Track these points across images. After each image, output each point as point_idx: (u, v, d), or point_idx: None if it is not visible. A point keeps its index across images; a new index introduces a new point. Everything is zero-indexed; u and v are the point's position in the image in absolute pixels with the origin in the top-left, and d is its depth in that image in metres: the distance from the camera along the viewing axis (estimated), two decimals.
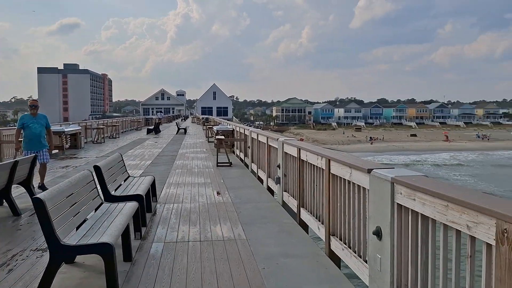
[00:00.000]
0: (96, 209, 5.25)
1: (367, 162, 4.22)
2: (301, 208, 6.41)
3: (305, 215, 6.20)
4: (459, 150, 78.13)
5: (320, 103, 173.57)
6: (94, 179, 5.41)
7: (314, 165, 5.67)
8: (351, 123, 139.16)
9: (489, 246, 2.26)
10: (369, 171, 3.69)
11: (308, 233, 6.03)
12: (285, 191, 7.63)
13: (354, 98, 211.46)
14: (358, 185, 4.11)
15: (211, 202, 7.96)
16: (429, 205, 2.80)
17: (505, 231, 2.04)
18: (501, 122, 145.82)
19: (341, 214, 4.63)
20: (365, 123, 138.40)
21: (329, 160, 4.88)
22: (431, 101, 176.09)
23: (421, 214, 2.95)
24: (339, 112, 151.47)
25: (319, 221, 5.50)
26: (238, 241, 5.49)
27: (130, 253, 4.83)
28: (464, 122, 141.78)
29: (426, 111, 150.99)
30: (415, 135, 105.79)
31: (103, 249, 3.89)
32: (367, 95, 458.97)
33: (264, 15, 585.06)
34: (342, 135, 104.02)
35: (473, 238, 2.39)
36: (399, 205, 3.22)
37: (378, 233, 3.43)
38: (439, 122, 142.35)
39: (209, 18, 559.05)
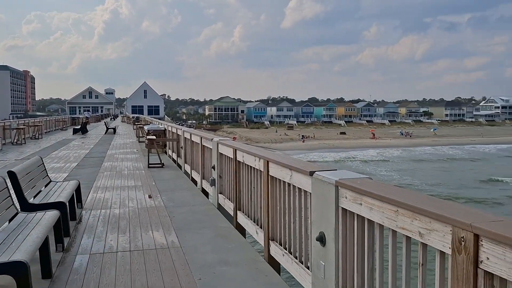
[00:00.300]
0: (10, 220, 4.68)
1: (309, 164, 4.03)
2: (238, 211, 6.16)
3: (242, 219, 5.96)
4: (385, 146, 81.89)
5: (253, 101, 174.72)
6: (7, 187, 4.81)
7: (251, 166, 5.44)
8: (284, 122, 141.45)
9: (442, 254, 2.13)
10: (311, 173, 3.49)
11: (245, 237, 5.81)
12: (220, 193, 7.36)
13: (286, 97, 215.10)
14: (299, 188, 3.90)
15: (142, 207, 7.50)
16: (377, 210, 2.64)
17: (463, 239, 1.91)
18: (421, 120, 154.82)
19: (281, 218, 4.43)
20: (297, 122, 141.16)
21: (267, 161, 4.67)
22: (358, 100, 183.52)
23: (368, 219, 2.79)
24: (272, 110, 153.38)
25: (258, 225, 5.27)
26: (172, 249, 5.13)
27: (50, 268, 4.32)
28: (389, 120, 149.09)
29: (354, 110, 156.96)
30: (344, 133, 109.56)
31: (15, 269, 3.40)
32: (299, 94, 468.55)
33: (195, 13, 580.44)
34: (275, 134, 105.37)
35: (425, 246, 2.25)
36: (344, 210, 3.05)
37: (321, 239, 3.25)
38: (366, 121, 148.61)
39: (139, 14, 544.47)
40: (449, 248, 2.01)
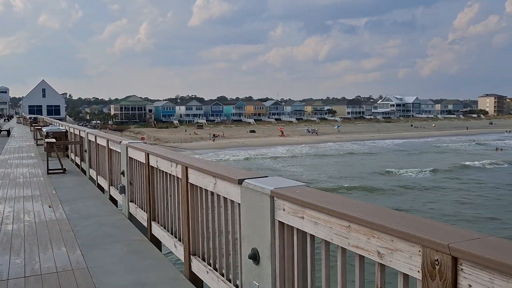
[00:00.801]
0: None
1: (236, 170, 3.55)
2: (152, 222, 5.57)
3: (157, 230, 5.39)
4: (293, 144, 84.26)
5: (161, 100, 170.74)
6: None
7: (167, 173, 4.89)
8: (193, 121, 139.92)
9: (406, 277, 1.84)
10: (240, 181, 3.04)
11: (161, 251, 5.26)
12: (131, 201, 6.69)
13: (195, 95, 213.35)
14: (225, 197, 3.44)
15: (41, 221, 6.60)
16: (323, 225, 2.28)
17: (437, 262, 1.61)
18: (326, 117, 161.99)
19: (205, 231, 3.94)
20: (206, 121, 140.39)
21: (186, 167, 4.16)
22: (267, 99, 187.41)
23: (312, 235, 2.43)
24: (181, 109, 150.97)
25: (176, 237, 4.74)
26: (77, 272, 4.43)
27: None
28: (296, 118, 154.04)
29: (263, 108, 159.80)
30: (254, 131, 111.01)
31: None
32: (208, 93, 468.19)
33: (98, 8, 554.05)
34: (185, 133, 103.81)
35: (383, 266, 1.95)
36: (282, 224, 2.65)
37: (254, 257, 2.85)
38: (275, 119, 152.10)
39: (35, 8, 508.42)
40: (419, 272, 1.71)
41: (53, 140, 13.37)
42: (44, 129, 16.78)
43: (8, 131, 27.85)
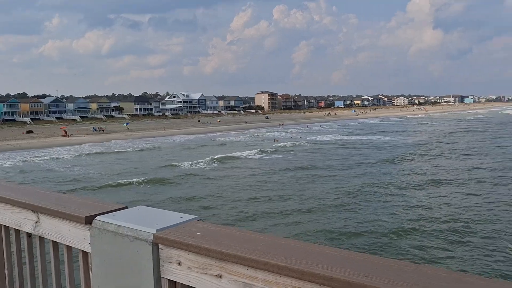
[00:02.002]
0: None
1: (78, 199, 2.26)
2: None
3: None
4: (78, 143, 78.83)
5: None
6: None
7: None
8: None
9: None
10: (89, 219, 1.94)
11: None
12: None
13: None
14: (55, 242, 2.20)
15: None
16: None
17: None
18: (113, 115, 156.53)
19: None
20: None
21: None
22: (44, 96, 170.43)
23: None
24: None
25: None
26: None
27: None
28: (80, 116, 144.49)
29: (41, 106, 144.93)
30: (31, 132, 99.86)
31: None
32: None
33: None
34: None
35: None
36: (174, 284, 1.71)
37: None
38: (56, 117, 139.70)
39: None
40: None
41: None
42: None
43: None
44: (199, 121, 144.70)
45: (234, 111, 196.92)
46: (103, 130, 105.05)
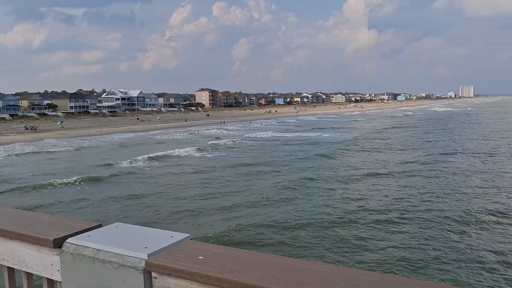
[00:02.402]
0: None
1: (41, 217, 1.88)
2: None
3: None
4: (8, 143, 74.52)
5: None
6: None
7: None
8: None
9: None
10: (59, 242, 1.61)
11: None
12: None
13: None
14: (11, 268, 1.81)
15: None
16: None
17: None
18: (46, 113, 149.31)
19: None
20: None
21: None
22: None
23: None
24: None
25: None
26: None
27: None
28: (9, 115, 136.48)
29: None
30: None
31: None
32: None
33: None
34: None
35: None
36: None
37: None
38: None
39: None
40: None
41: None
42: None
43: None
44: (138, 119, 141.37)
45: (174, 109, 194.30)
46: (35, 129, 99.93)
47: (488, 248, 19.69)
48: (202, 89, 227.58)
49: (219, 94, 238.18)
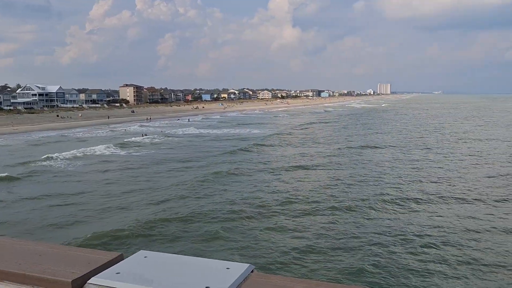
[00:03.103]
0: None
1: (42, 248, 1.49)
2: None
3: None
4: None
5: None
6: None
7: None
8: None
9: None
10: (79, 285, 1.23)
11: None
12: None
13: None
14: None
15: None
16: None
17: None
18: None
19: None
20: None
21: None
22: None
23: None
24: None
25: None
26: None
27: None
28: None
29: None
30: None
31: None
32: None
33: None
34: None
35: None
36: None
37: None
38: None
39: None
40: None
41: None
42: None
43: None
44: (58, 115, 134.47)
45: (97, 105, 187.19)
46: None
47: (392, 228, 21.60)
48: (127, 85, 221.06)
49: (144, 90, 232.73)
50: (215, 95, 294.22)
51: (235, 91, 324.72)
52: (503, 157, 44.80)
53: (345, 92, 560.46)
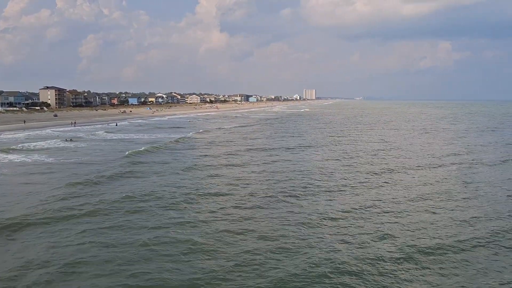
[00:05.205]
0: None
1: None
2: None
3: None
4: None
5: None
6: None
7: None
8: None
9: None
10: None
11: None
12: None
13: None
14: None
15: None
16: None
17: None
18: None
19: None
20: None
21: None
22: None
23: None
24: None
25: None
26: None
27: None
28: None
29: None
30: None
31: None
32: None
33: None
34: None
35: None
36: None
37: None
38: None
39: None
40: None
41: None
42: None
43: None
44: None
45: (15, 108, 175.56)
46: None
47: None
48: (47, 87, 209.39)
49: (67, 93, 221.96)
50: (142, 99, 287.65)
51: (163, 95, 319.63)
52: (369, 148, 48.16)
53: (273, 97, 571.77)
